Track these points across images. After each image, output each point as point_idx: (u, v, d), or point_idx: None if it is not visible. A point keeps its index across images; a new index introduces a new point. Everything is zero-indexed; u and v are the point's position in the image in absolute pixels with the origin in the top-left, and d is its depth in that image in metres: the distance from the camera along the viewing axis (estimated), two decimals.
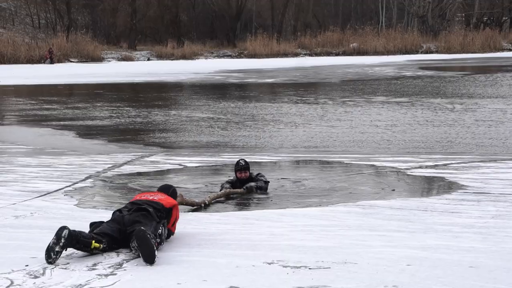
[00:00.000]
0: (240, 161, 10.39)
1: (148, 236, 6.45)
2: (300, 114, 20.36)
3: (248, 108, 22.65)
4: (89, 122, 19.76)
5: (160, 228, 6.92)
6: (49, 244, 6.42)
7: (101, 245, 6.65)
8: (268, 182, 10.20)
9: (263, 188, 10.06)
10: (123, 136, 17.32)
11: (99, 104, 25.11)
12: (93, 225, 7.01)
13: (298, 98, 26.18)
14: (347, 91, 28.96)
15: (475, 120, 18.16)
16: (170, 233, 7.30)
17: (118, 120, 20.35)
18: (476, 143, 14.55)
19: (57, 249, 6.42)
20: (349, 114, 20.07)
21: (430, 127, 17.01)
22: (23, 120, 21.02)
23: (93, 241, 6.60)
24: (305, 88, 31.84)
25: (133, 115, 21.47)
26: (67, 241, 6.43)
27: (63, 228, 6.49)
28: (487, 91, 26.80)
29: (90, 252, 6.63)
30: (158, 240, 6.78)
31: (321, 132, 16.47)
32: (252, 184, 10.06)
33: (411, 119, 18.50)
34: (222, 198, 9.71)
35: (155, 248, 6.42)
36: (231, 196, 9.89)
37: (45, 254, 6.41)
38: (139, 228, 6.55)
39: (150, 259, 6.35)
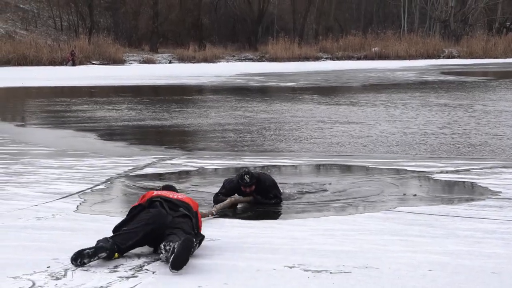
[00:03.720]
0: (245, 177, 9.38)
1: (192, 250, 6.37)
2: (322, 117, 20.31)
3: (268, 110, 22.63)
4: (111, 124, 19.83)
5: (195, 245, 6.66)
6: (84, 250, 6.36)
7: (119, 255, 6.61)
8: (280, 200, 9.52)
9: (270, 204, 9.39)
10: (144, 138, 17.38)
11: (120, 107, 25.19)
12: (117, 230, 6.90)
13: (318, 101, 26.14)
14: (368, 95, 28.89)
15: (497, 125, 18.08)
16: (202, 238, 7.07)
17: (139, 122, 20.41)
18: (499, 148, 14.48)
19: (85, 260, 6.34)
20: (371, 118, 20.00)
21: (454, 130, 16.95)
22: (45, 122, 21.13)
23: (116, 254, 6.56)
24: (326, 92, 31.80)
25: (154, 117, 21.51)
26: (98, 258, 6.41)
27: (103, 249, 6.43)
28: None
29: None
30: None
31: (343, 135, 16.42)
32: (260, 198, 9.43)
33: (444, 123, 18.43)
34: (229, 208, 9.20)
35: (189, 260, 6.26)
36: (238, 205, 9.40)
37: (74, 255, 6.34)
38: (189, 237, 6.40)
39: (179, 266, 6.16)
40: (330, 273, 6.15)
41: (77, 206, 9.25)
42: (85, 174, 11.68)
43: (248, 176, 9.40)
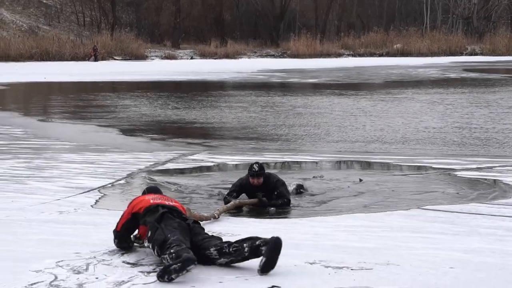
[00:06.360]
0: (254, 165, 9.14)
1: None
2: (341, 114, 20.27)
3: (290, 107, 22.62)
4: (133, 119, 19.88)
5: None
6: (170, 266, 5.93)
7: None
8: (287, 200, 9.13)
9: (277, 205, 9.00)
10: (166, 134, 17.40)
11: (142, 102, 25.26)
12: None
13: (341, 97, 26.08)
14: (392, 92, 28.78)
15: None
16: None
17: (161, 118, 20.45)
18: None
19: (173, 276, 5.90)
20: (393, 114, 19.93)
21: (478, 128, 16.85)
22: (68, 117, 21.20)
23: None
24: (348, 88, 31.68)
25: (176, 113, 21.55)
26: (187, 271, 5.98)
27: (192, 260, 5.96)
28: None
29: None
30: None
31: (365, 132, 16.36)
32: (266, 200, 8.99)
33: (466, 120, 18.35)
34: (233, 210, 8.84)
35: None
36: (243, 207, 9.04)
37: (161, 272, 5.94)
38: (278, 237, 6.19)
39: (270, 269, 6.07)
40: (351, 269, 6.14)
41: (99, 201, 9.29)
42: (107, 169, 11.72)
43: (257, 165, 9.18)
